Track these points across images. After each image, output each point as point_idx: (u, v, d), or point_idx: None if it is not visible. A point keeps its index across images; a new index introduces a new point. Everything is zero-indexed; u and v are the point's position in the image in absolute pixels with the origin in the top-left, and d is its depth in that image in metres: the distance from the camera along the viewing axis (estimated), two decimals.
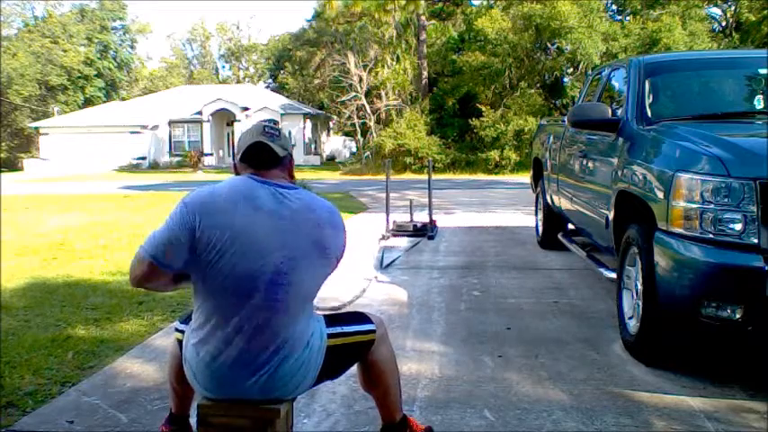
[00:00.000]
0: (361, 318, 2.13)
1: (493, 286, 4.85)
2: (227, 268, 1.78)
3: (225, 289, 1.80)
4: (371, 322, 2.10)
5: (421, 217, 7.79)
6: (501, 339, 3.56)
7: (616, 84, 4.73)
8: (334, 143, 36.96)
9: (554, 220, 5.98)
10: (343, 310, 3.67)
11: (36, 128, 33.11)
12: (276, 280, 1.80)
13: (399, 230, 7.32)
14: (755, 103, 4.16)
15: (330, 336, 1.97)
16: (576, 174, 4.78)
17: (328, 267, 1.92)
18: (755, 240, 2.59)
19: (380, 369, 2.11)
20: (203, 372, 1.86)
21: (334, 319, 2.08)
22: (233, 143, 29.10)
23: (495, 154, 21.88)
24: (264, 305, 1.80)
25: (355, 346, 2.05)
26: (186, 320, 2.04)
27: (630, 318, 3.32)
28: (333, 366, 1.99)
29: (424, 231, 7.21)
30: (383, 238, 7.04)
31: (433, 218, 7.61)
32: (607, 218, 3.80)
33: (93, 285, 5.01)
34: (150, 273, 1.82)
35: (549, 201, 5.94)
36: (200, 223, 1.78)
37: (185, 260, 1.79)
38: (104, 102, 40.87)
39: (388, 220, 7.42)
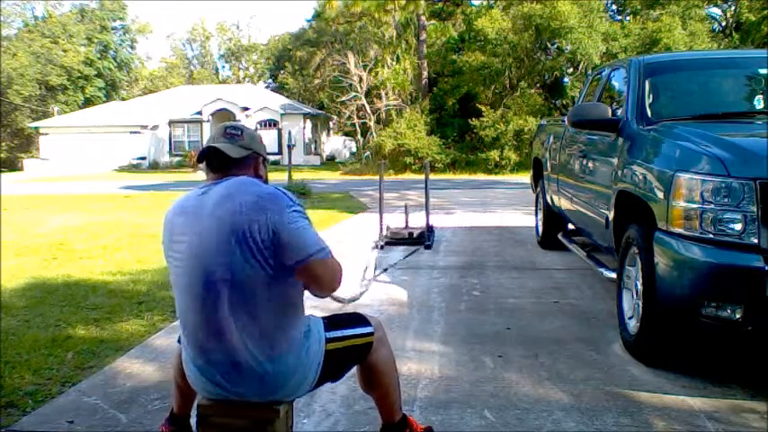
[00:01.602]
0: (359, 320, 2.12)
1: (493, 286, 4.85)
2: (173, 279, 1.91)
3: (182, 298, 1.89)
4: (370, 325, 2.10)
5: (419, 218, 7.50)
6: (501, 339, 3.56)
7: (616, 84, 4.73)
8: (334, 143, 36.94)
9: (554, 220, 5.98)
10: (342, 311, 3.67)
11: (36, 128, 33.08)
12: (213, 284, 1.78)
13: (394, 238, 6.77)
14: (755, 103, 4.16)
15: (329, 340, 1.96)
16: (576, 174, 4.78)
17: (271, 258, 1.75)
18: (755, 240, 2.58)
19: (380, 371, 2.11)
20: (194, 373, 1.90)
21: (332, 322, 2.05)
22: None
23: (495, 154, 21.86)
24: (215, 310, 1.79)
25: (354, 350, 2.04)
26: None
27: (630, 318, 3.32)
28: (332, 370, 1.99)
29: (421, 239, 6.68)
30: (376, 246, 6.50)
31: (431, 222, 7.12)
32: (607, 218, 3.80)
33: (93, 285, 5.01)
34: None
35: (548, 201, 5.94)
36: (163, 238, 1.94)
37: None
38: (104, 102, 40.82)
39: (381, 225, 6.88)
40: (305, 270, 1.81)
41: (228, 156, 1.89)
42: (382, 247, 6.48)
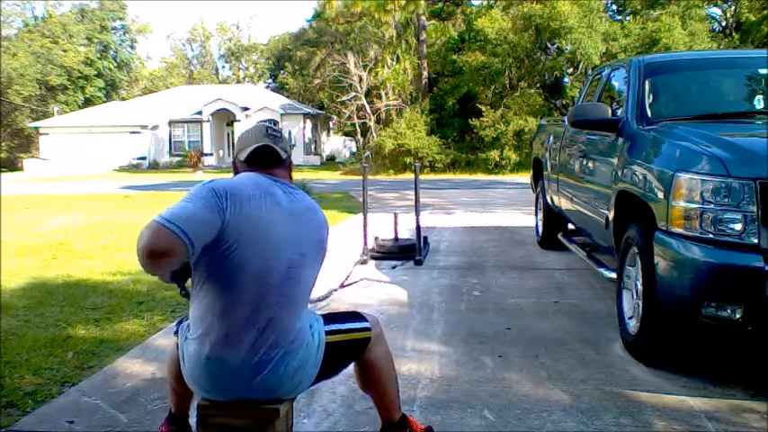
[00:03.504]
0: (356, 316, 2.16)
1: (493, 286, 4.85)
2: (247, 260, 1.77)
3: (240, 282, 1.78)
4: (366, 320, 2.13)
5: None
6: (501, 339, 3.56)
7: (616, 84, 4.73)
8: (334, 143, 36.95)
9: (554, 220, 5.98)
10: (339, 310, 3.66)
11: (36, 128, 33.11)
12: (288, 275, 1.86)
13: (381, 251, 5.94)
14: (755, 103, 4.16)
15: (327, 333, 1.99)
16: (576, 174, 4.78)
17: (320, 266, 2.02)
18: (755, 240, 2.58)
19: (377, 368, 2.12)
20: (204, 372, 1.85)
21: (329, 317, 2.10)
22: (233, 143, 29.11)
23: (495, 154, 21.88)
24: (276, 300, 1.84)
25: (351, 344, 2.07)
26: (182, 322, 2.04)
27: (630, 318, 3.32)
28: (330, 365, 2.00)
29: (412, 252, 5.81)
30: (360, 261, 5.68)
31: (425, 227, 6.40)
32: (607, 218, 3.80)
33: (93, 285, 5.01)
34: (172, 248, 1.63)
35: (548, 201, 5.94)
36: (230, 210, 1.75)
37: (207, 244, 1.72)
38: (104, 102, 40.84)
39: (366, 236, 5.92)
40: None
41: (280, 156, 1.96)
42: (365, 263, 5.67)
